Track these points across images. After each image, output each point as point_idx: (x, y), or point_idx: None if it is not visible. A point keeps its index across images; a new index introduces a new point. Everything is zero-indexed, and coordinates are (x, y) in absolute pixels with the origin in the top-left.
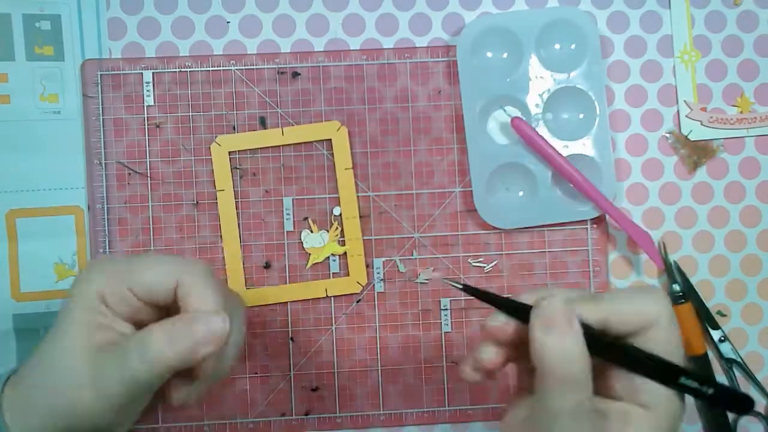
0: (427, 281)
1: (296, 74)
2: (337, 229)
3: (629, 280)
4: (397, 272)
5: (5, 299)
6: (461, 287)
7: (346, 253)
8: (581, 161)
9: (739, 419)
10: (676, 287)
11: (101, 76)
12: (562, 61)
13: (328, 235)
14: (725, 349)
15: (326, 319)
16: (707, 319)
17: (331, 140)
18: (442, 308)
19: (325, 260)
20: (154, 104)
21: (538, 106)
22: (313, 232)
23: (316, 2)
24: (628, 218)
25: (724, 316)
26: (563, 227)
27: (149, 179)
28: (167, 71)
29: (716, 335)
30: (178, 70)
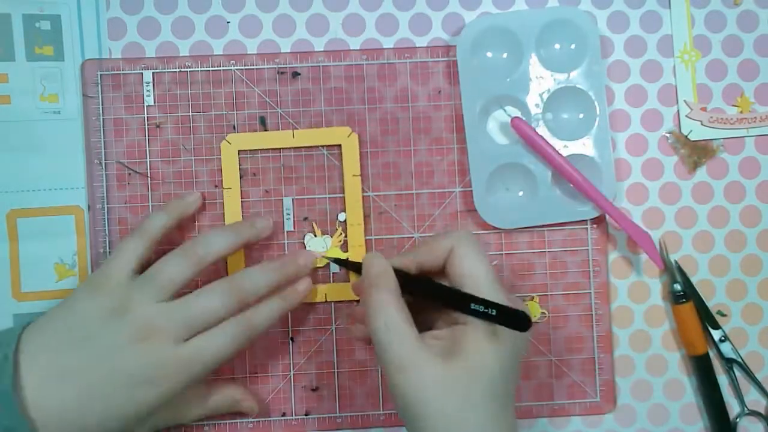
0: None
1: (296, 74)
2: (341, 235)
3: (629, 280)
4: None
5: (6, 299)
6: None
7: (348, 258)
8: (581, 161)
9: (739, 419)
10: (677, 287)
11: (101, 76)
12: (562, 61)
13: (331, 240)
14: (725, 348)
15: (326, 319)
16: (708, 318)
17: (339, 145)
18: None
19: (326, 264)
20: (154, 104)
21: (538, 106)
22: (316, 236)
23: (316, 2)
24: (628, 218)
25: (724, 315)
26: (563, 227)
27: (149, 179)
28: (167, 71)
29: (717, 335)
30: (178, 70)
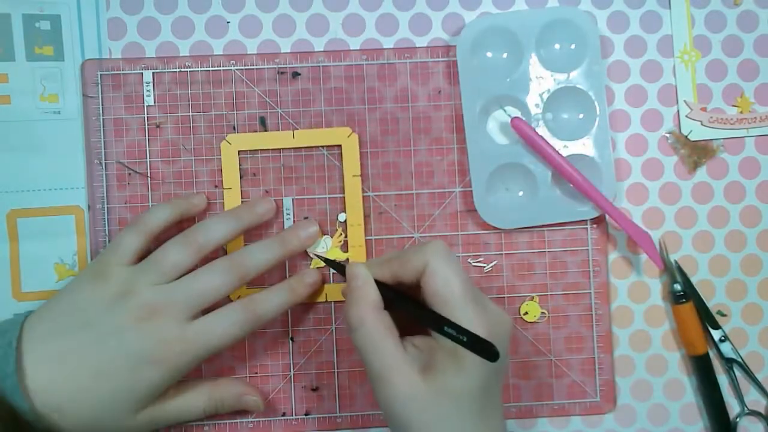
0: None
1: (296, 74)
2: (341, 235)
3: (629, 280)
4: None
5: (6, 299)
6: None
7: (348, 259)
8: (581, 161)
9: (739, 419)
10: (677, 287)
11: (101, 76)
12: (562, 61)
13: (331, 240)
14: (726, 348)
15: (326, 319)
16: (708, 318)
17: (339, 145)
18: None
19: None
20: (154, 104)
21: (538, 106)
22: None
23: (316, 2)
24: (628, 218)
25: (724, 315)
26: (563, 227)
27: (149, 179)
28: (167, 71)
29: (717, 335)
30: (178, 70)
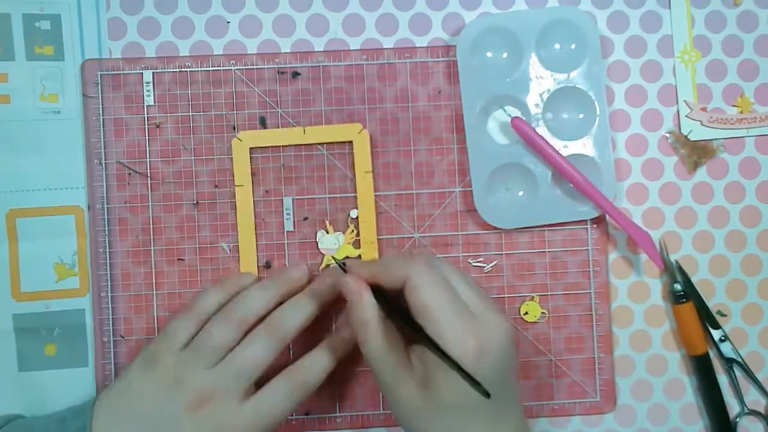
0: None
1: (296, 74)
2: (353, 231)
3: (629, 280)
4: None
5: (5, 299)
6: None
7: (360, 256)
8: (581, 161)
9: (739, 419)
10: (677, 287)
11: (101, 76)
12: (562, 61)
13: (343, 237)
14: (726, 348)
15: (326, 319)
16: (708, 318)
17: (341, 144)
18: None
19: (327, 265)
20: (154, 104)
21: (538, 106)
22: (328, 233)
23: (316, 2)
24: (628, 218)
25: (724, 315)
26: (563, 227)
27: (149, 179)
28: (167, 71)
29: (717, 335)
30: (178, 70)
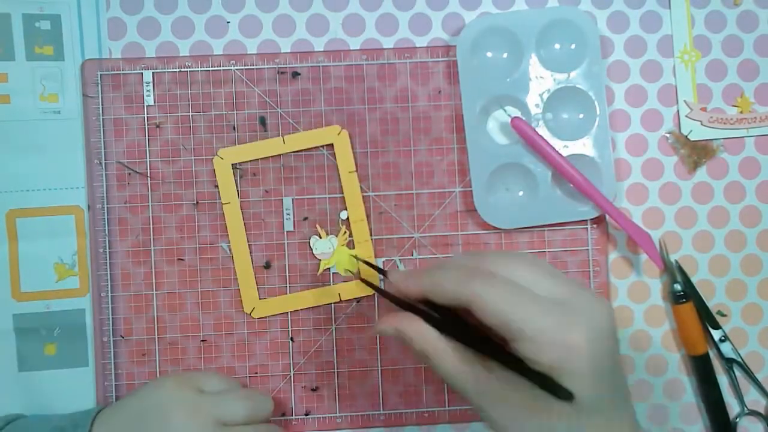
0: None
1: (296, 74)
2: (345, 233)
3: (629, 280)
4: None
5: (5, 299)
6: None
7: (355, 256)
8: (581, 161)
9: (739, 419)
10: (677, 287)
11: (101, 76)
12: (562, 61)
13: (336, 240)
14: (726, 348)
15: (326, 319)
16: (708, 318)
17: (332, 144)
18: None
19: (326, 268)
20: (154, 104)
21: (538, 106)
22: (321, 237)
23: (316, 2)
24: (628, 218)
25: (724, 315)
26: (563, 227)
27: (149, 179)
28: (167, 71)
29: (717, 335)
30: (178, 70)
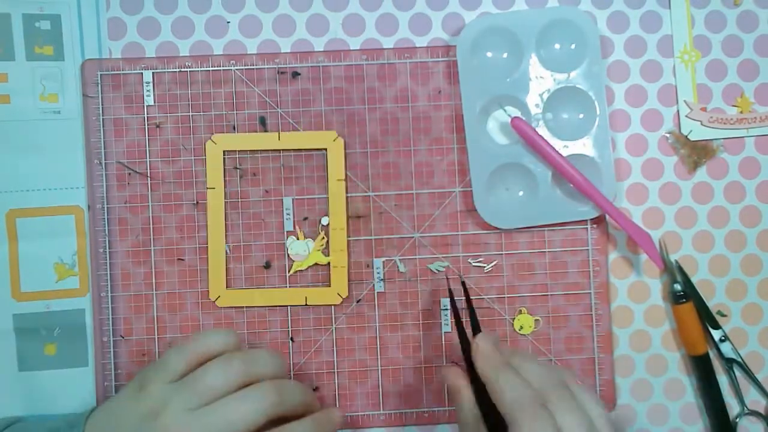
0: (438, 271)
1: (296, 74)
2: (323, 238)
3: (629, 280)
4: (397, 272)
5: (5, 299)
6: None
7: (329, 263)
8: (581, 161)
9: (739, 419)
10: (677, 287)
11: (101, 76)
12: (562, 61)
13: (313, 243)
14: (726, 348)
15: (326, 319)
16: (708, 318)
17: (315, 149)
18: (442, 308)
19: (307, 268)
20: (154, 104)
21: (538, 106)
22: (299, 239)
23: (316, 2)
24: (628, 218)
25: (724, 316)
26: (563, 227)
27: (149, 179)
28: (167, 71)
29: (717, 335)
30: (178, 70)
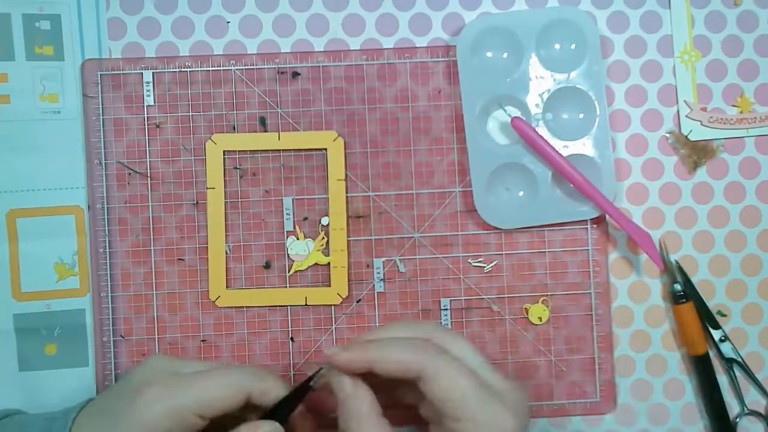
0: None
1: (296, 74)
2: (323, 239)
3: (629, 280)
4: (397, 272)
5: (5, 299)
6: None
7: (329, 263)
8: (581, 161)
9: (739, 419)
10: (677, 287)
11: (101, 76)
12: (562, 61)
13: (313, 243)
14: (726, 348)
15: (326, 319)
16: (708, 318)
17: (315, 149)
18: (442, 308)
19: (307, 268)
20: (154, 104)
21: (538, 106)
22: (299, 239)
23: (316, 2)
24: (628, 218)
25: (724, 316)
26: (563, 227)
27: (149, 179)
28: (167, 71)
29: (717, 335)
30: (178, 70)
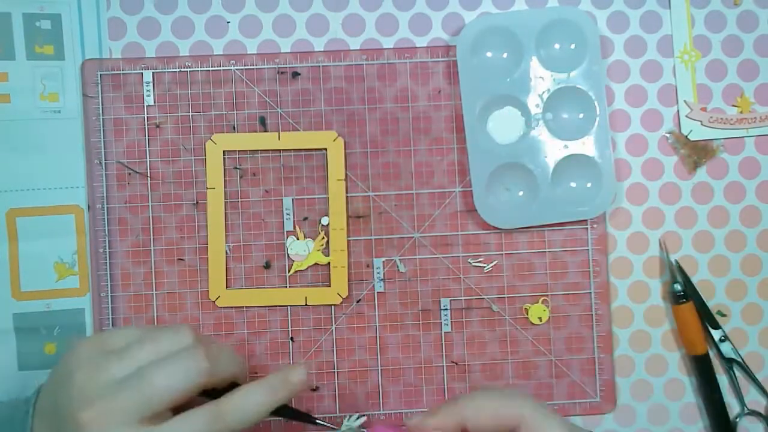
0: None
1: (296, 74)
2: (323, 238)
3: (629, 280)
4: (397, 272)
5: (5, 298)
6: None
7: (329, 263)
8: (581, 161)
9: (739, 419)
10: (677, 287)
11: (101, 75)
12: (562, 61)
13: (313, 243)
14: (726, 348)
15: (326, 319)
16: (708, 318)
17: (315, 149)
18: (442, 308)
19: (307, 268)
20: (154, 104)
21: (538, 106)
22: (299, 239)
23: (316, 2)
24: None
25: (724, 316)
26: (563, 227)
27: (149, 179)
28: (167, 71)
29: (717, 335)
30: (178, 70)
